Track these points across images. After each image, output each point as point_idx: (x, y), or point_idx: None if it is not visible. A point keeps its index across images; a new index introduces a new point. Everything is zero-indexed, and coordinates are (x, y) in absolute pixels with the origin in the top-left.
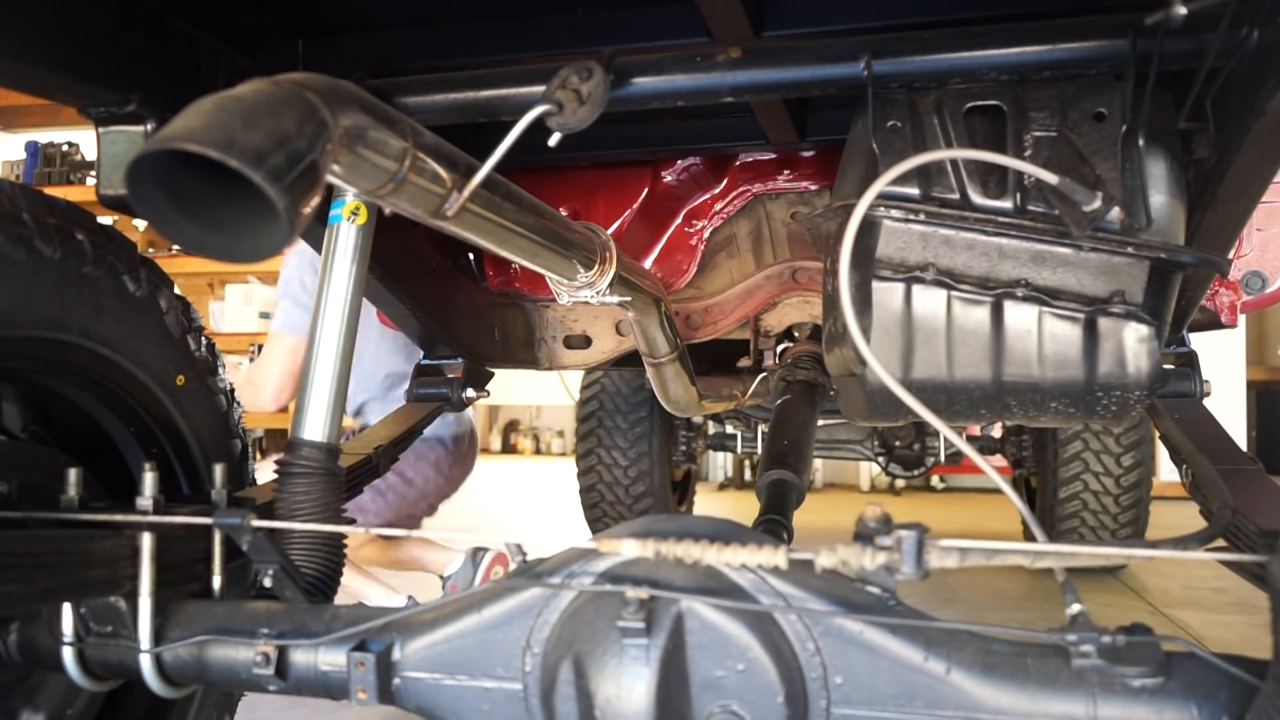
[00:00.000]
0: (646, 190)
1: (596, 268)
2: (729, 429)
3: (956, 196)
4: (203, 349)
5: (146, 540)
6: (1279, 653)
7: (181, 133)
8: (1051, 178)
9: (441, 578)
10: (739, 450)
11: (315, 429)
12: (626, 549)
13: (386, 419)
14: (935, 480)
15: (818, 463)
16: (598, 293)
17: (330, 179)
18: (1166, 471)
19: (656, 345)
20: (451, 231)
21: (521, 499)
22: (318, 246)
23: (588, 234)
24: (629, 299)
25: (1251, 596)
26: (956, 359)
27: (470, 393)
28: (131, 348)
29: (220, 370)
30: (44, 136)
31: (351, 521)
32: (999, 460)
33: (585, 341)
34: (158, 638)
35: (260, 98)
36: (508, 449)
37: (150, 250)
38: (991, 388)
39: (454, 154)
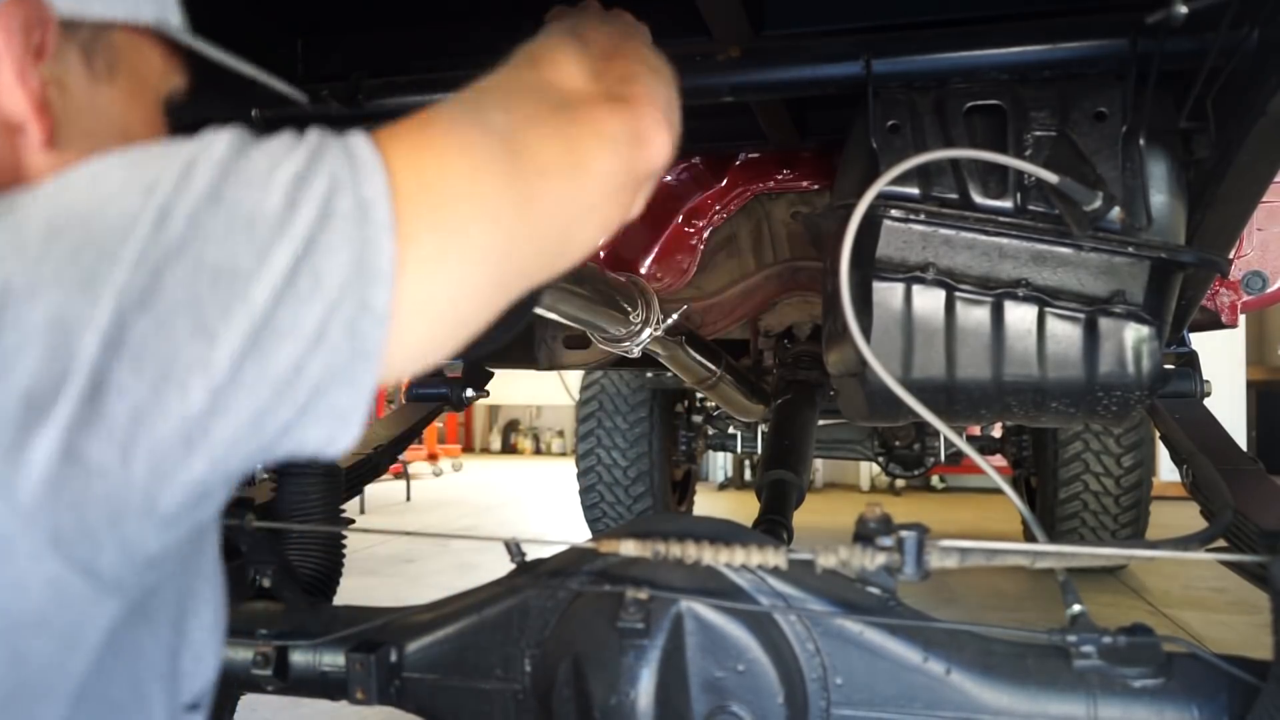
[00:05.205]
0: None
1: (640, 320)
2: (729, 429)
3: (957, 196)
4: None
5: None
6: None
7: None
8: (1052, 177)
9: None
10: (739, 450)
11: None
12: (626, 549)
13: (386, 418)
14: (935, 480)
15: (818, 463)
16: (638, 346)
17: None
18: (1166, 471)
19: (696, 373)
20: None
21: (521, 499)
22: None
23: (627, 285)
24: (658, 346)
25: (1252, 596)
26: (957, 359)
27: (470, 392)
28: None
29: None
30: None
31: (351, 521)
32: (999, 460)
33: (585, 341)
34: None
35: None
36: (508, 449)
37: None
38: (992, 388)
39: None
